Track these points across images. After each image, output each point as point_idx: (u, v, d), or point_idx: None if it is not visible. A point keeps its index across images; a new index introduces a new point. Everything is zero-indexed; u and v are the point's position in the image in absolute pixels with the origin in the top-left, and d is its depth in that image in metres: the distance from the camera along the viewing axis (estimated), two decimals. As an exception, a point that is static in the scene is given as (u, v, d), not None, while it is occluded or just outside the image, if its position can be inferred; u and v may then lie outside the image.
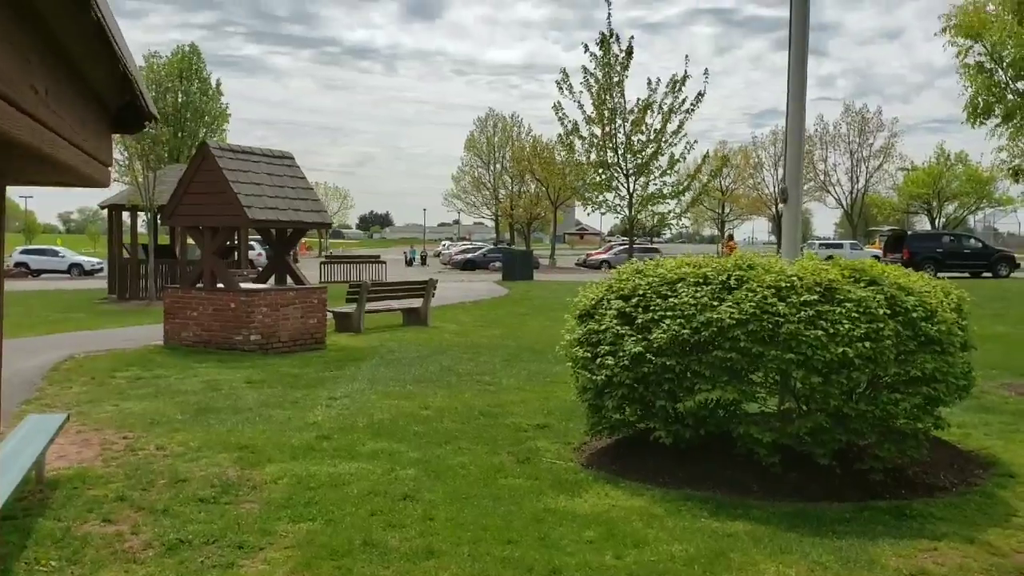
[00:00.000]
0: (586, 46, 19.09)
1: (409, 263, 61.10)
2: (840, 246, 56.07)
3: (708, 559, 5.19)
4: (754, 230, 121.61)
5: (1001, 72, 10.01)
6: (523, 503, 6.17)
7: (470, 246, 65.71)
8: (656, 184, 19.45)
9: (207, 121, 27.46)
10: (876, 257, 41.00)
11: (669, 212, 20.47)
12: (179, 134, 25.74)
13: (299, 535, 5.41)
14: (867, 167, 73.93)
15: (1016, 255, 44.92)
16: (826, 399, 6.38)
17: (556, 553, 5.21)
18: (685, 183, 19.89)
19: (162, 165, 24.85)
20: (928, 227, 63.77)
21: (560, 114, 19.47)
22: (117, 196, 25.89)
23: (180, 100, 26.70)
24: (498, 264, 47.16)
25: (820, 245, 57.21)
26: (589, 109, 19.31)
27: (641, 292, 7.21)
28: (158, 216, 22.73)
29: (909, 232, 47.11)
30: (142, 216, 25.83)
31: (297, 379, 11.02)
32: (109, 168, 1.35)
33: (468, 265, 54.00)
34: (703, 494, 6.53)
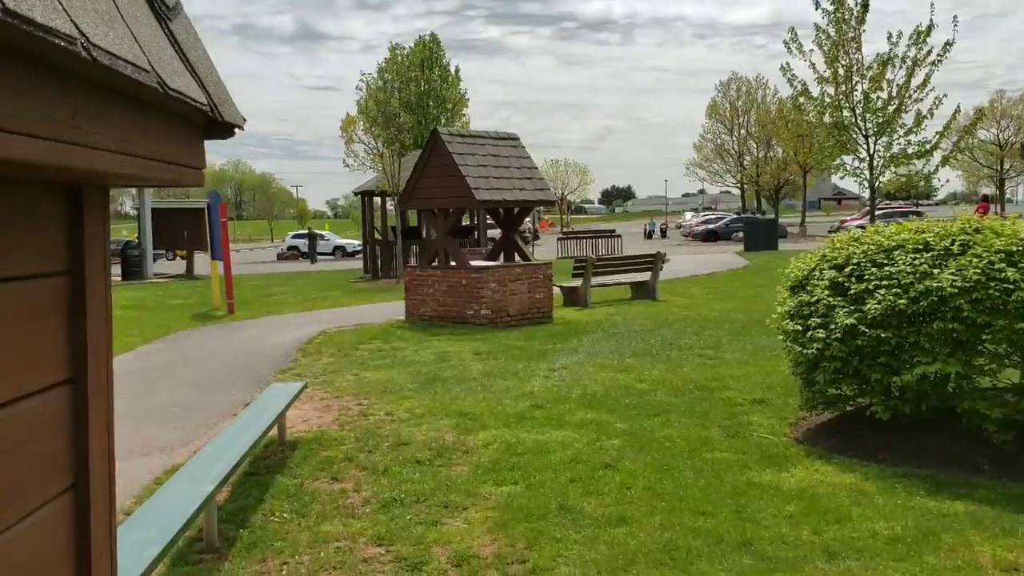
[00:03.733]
0: (817, 2, 18.10)
1: (648, 236, 60.85)
2: None
3: (915, 538, 4.93)
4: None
5: None
6: (725, 476, 6.13)
7: (712, 216, 64.25)
8: (900, 144, 18.11)
9: (447, 107, 28.85)
10: None
11: (916, 173, 18.97)
12: (422, 121, 27.25)
13: (500, 497, 5.71)
14: None
15: None
16: (1067, 373, 5.80)
17: (751, 526, 5.16)
18: (933, 141, 18.32)
19: (406, 152, 26.40)
20: None
21: (788, 75, 18.59)
22: (368, 183, 27.86)
23: (422, 88, 28.24)
24: (741, 234, 45.86)
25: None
26: (822, 68, 18.29)
27: (855, 261, 6.88)
28: (403, 200, 24.13)
29: None
30: (391, 200, 27.61)
31: (521, 351, 11.45)
32: (198, 170, 1.58)
33: (710, 236, 52.92)
34: (924, 472, 6.18)
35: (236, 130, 1.61)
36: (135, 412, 8.52)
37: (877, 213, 46.79)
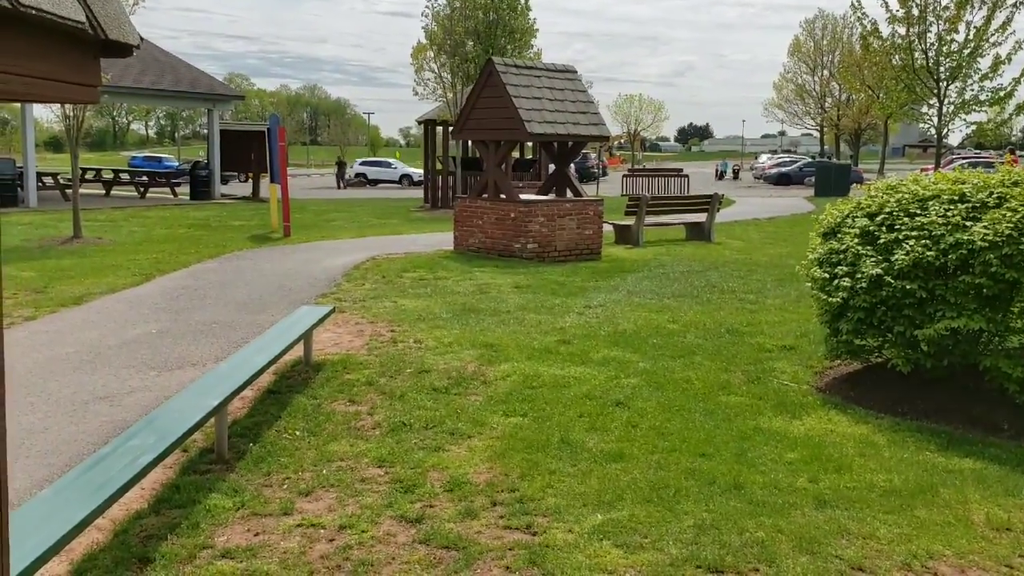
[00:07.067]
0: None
1: (720, 177, 59.63)
2: None
3: (912, 492, 4.92)
4: None
5: None
6: (735, 420, 6.14)
7: (785, 159, 62.60)
8: (973, 90, 17.26)
9: (515, 38, 28.46)
10: None
11: (988, 122, 18.11)
12: (488, 51, 26.93)
13: (506, 428, 5.84)
14: None
15: None
16: (1094, 335, 5.63)
17: (747, 470, 5.19)
18: (1008, 87, 17.39)
19: (471, 82, 26.22)
20: None
21: (859, 14, 17.80)
22: (431, 112, 27.82)
23: (491, 18, 27.91)
24: (814, 179, 44.64)
25: None
26: (895, 6, 17.45)
27: (888, 210, 6.73)
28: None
29: None
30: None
31: (561, 287, 11.49)
32: (90, 88, 1.65)
33: (782, 179, 51.61)
34: (940, 428, 6.12)
35: (134, 49, 1.67)
36: (177, 328, 8.86)
37: (962, 162, 45.04)
